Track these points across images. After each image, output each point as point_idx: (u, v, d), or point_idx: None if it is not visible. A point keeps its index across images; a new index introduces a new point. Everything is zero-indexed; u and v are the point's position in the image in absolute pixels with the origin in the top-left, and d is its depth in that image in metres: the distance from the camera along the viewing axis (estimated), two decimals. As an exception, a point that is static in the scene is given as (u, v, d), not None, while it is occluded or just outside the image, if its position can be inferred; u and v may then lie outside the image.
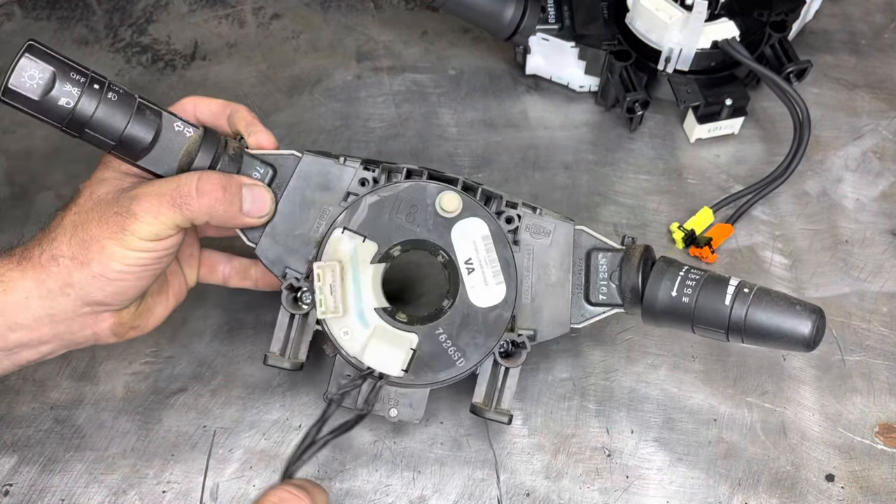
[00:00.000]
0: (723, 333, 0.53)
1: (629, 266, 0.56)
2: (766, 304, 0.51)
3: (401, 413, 0.56)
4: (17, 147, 0.76)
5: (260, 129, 0.57)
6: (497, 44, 0.82)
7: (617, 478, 0.60)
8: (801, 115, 0.69)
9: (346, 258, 0.55)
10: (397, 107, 0.79)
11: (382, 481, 0.60)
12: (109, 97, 0.50)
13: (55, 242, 0.50)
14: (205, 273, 0.61)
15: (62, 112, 0.49)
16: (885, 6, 0.86)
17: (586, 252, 0.58)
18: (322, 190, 0.56)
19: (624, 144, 0.76)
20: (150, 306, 0.57)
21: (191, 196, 0.51)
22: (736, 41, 0.70)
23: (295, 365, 0.56)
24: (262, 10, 0.87)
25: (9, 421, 0.62)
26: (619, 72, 0.72)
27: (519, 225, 0.57)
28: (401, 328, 0.55)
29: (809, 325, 0.50)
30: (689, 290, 0.53)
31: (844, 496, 0.59)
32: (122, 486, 0.60)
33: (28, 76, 0.48)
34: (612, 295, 0.57)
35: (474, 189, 0.57)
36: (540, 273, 0.57)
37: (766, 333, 0.51)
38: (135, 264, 0.51)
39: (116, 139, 0.51)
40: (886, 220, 0.72)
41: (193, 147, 0.53)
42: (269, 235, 0.56)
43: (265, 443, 0.61)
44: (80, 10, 0.86)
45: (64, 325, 0.52)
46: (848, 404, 0.63)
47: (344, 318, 0.54)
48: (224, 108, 0.57)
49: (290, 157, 0.57)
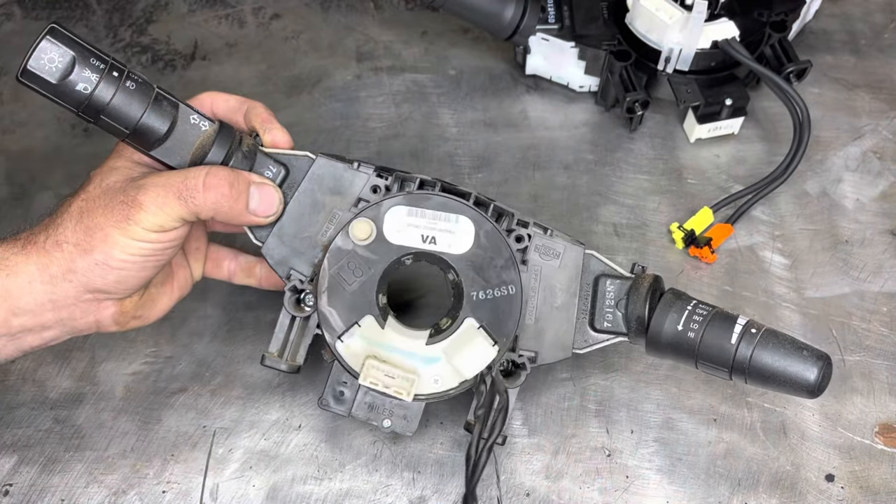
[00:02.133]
0: (726, 372, 0.52)
1: (637, 295, 0.55)
2: (773, 346, 0.50)
3: (394, 424, 0.56)
4: (17, 147, 0.76)
5: (276, 127, 0.56)
6: (497, 44, 0.82)
7: (617, 478, 0.60)
8: (801, 115, 0.69)
9: (368, 349, 0.55)
10: (397, 107, 0.79)
11: (382, 481, 0.60)
12: (128, 85, 0.50)
13: (60, 228, 0.50)
14: (210, 268, 0.61)
15: (79, 97, 0.49)
16: (885, 6, 0.86)
17: (594, 277, 0.57)
18: (333, 194, 0.56)
19: (624, 144, 0.76)
20: (153, 297, 0.57)
21: (197, 190, 0.51)
22: (736, 41, 0.70)
23: (292, 367, 0.56)
24: (262, 10, 0.87)
25: (9, 421, 0.62)
26: (619, 72, 0.72)
27: (528, 245, 0.56)
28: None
29: (815, 372, 0.49)
30: (696, 326, 0.52)
31: (844, 496, 0.59)
32: (122, 486, 0.60)
33: (48, 59, 0.47)
34: (617, 323, 0.56)
35: (486, 205, 0.56)
36: (546, 295, 0.57)
37: (770, 376, 0.50)
38: (137, 254, 0.51)
39: (131, 128, 0.51)
40: (886, 220, 0.72)
41: (208, 141, 0.53)
42: (277, 235, 0.56)
43: (265, 443, 0.61)
44: (80, 10, 0.86)
45: (66, 311, 0.52)
46: (848, 404, 0.63)
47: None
48: (241, 105, 0.57)
49: (304, 159, 0.56)
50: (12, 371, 0.64)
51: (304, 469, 0.60)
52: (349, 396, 0.56)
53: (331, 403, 0.56)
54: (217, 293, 0.68)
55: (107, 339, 0.65)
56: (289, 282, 0.55)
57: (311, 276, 0.56)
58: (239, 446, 0.61)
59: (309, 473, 0.60)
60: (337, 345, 0.55)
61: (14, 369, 0.64)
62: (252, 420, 0.62)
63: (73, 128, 0.76)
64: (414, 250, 0.55)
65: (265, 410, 0.63)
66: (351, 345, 0.55)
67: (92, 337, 0.65)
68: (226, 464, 0.61)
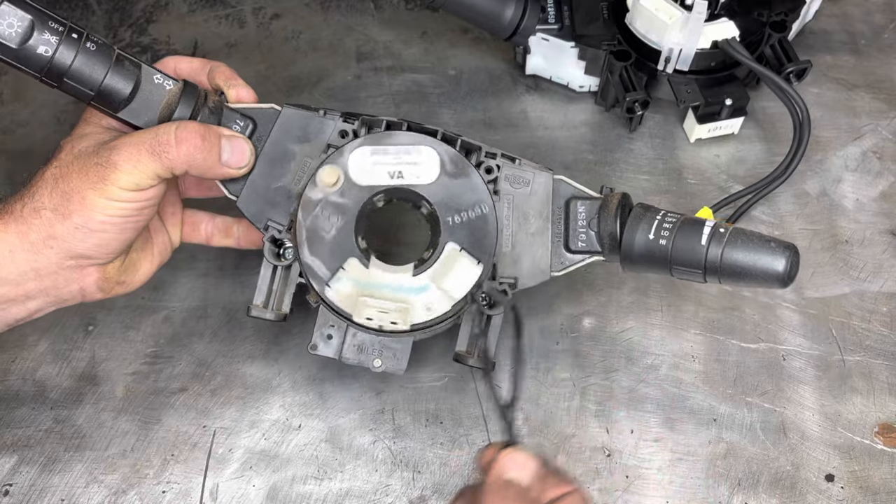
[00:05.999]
0: (700, 274, 0.53)
1: (607, 213, 0.56)
2: (742, 242, 0.52)
3: (385, 364, 0.56)
4: (17, 147, 0.76)
5: (240, 83, 0.57)
6: (497, 44, 0.82)
7: (617, 478, 0.60)
8: (800, 115, 0.69)
9: (357, 290, 0.55)
10: (397, 107, 0.79)
11: (382, 481, 0.60)
12: (88, 46, 0.50)
13: (36, 195, 0.50)
14: (188, 232, 0.62)
15: (41, 61, 0.49)
16: (885, 6, 0.86)
17: (565, 201, 0.58)
18: (302, 143, 0.57)
19: (624, 144, 0.76)
20: (134, 262, 0.57)
21: (169, 144, 0.51)
22: (736, 41, 0.70)
23: (278, 316, 0.56)
24: (262, 10, 0.87)
25: (9, 421, 0.62)
26: (618, 72, 0.72)
27: (498, 175, 0.58)
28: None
29: (783, 262, 0.51)
30: (666, 233, 0.53)
31: (844, 496, 0.59)
32: (122, 486, 0.60)
33: (7, 24, 0.48)
34: (591, 242, 0.58)
35: (453, 140, 0.57)
36: (520, 222, 0.58)
37: (741, 271, 0.52)
38: (116, 215, 0.51)
39: (95, 89, 0.51)
40: (886, 220, 0.72)
41: (173, 99, 0.53)
42: (251, 188, 0.56)
43: (265, 443, 0.61)
44: (80, 10, 0.86)
45: (49, 279, 0.52)
46: (848, 404, 0.63)
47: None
48: (204, 66, 0.58)
49: (270, 111, 0.57)
50: (12, 371, 0.64)
51: (304, 469, 0.61)
52: (337, 340, 0.56)
53: (319, 347, 0.56)
54: (217, 293, 0.68)
55: (107, 339, 0.65)
56: (266, 232, 0.56)
57: (288, 225, 0.56)
58: (239, 446, 0.61)
59: (309, 473, 0.60)
60: (326, 291, 0.55)
61: (14, 369, 0.64)
62: (252, 420, 0.62)
63: (74, 128, 0.76)
64: (383, 188, 0.56)
65: (265, 410, 0.63)
66: (340, 289, 0.55)
67: (92, 337, 0.65)
68: (226, 464, 0.61)
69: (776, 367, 0.64)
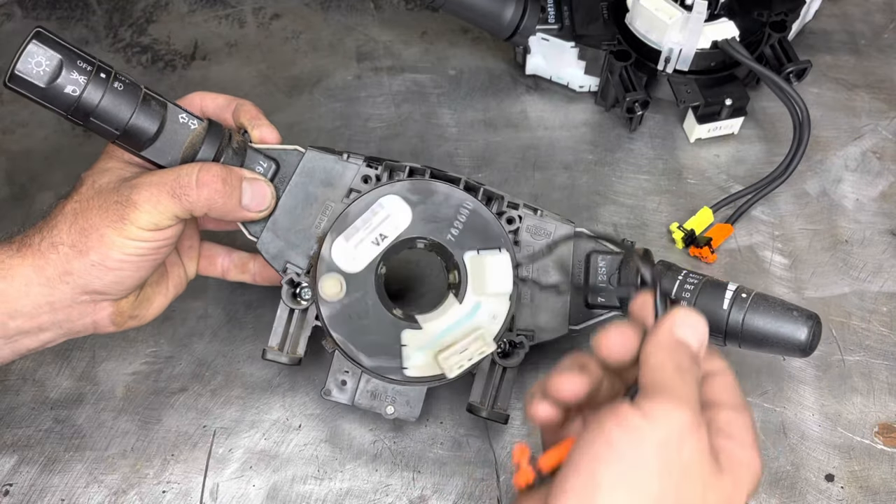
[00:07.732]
0: (720, 338, 0.53)
1: (628, 269, 0.56)
2: (764, 309, 0.51)
3: (398, 411, 0.56)
4: (17, 147, 0.76)
5: (264, 124, 0.57)
6: (497, 44, 0.82)
7: (617, 478, 0.60)
8: (800, 115, 0.69)
9: (431, 352, 0.56)
10: (397, 107, 0.79)
11: (382, 481, 0.60)
12: (115, 87, 0.50)
13: (55, 230, 0.50)
14: (204, 265, 0.61)
15: (68, 100, 0.49)
16: (885, 6, 0.86)
17: (586, 254, 0.58)
18: (324, 186, 0.57)
19: (624, 144, 0.76)
20: (149, 296, 0.57)
21: (190, 187, 0.51)
22: (736, 41, 0.70)
23: (293, 360, 0.56)
24: (262, 10, 0.87)
25: (9, 421, 0.62)
26: (618, 72, 0.72)
27: (520, 226, 0.57)
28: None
29: (806, 331, 0.51)
30: (688, 294, 0.53)
31: (844, 496, 0.59)
32: (122, 486, 0.60)
33: (35, 63, 0.48)
34: (610, 298, 0.57)
35: (476, 189, 0.57)
36: (539, 274, 0.57)
37: (762, 338, 0.52)
38: (133, 254, 0.51)
39: (121, 129, 0.51)
40: (886, 220, 0.72)
41: (197, 139, 0.53)
42: (271, 230, 0.56)
43: (265, 443, 0.61)
44: (80, 10, 0.86)
45: (63, 312, 0.52)
46: (848, 404, 0.63)
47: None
48: (230, 103, 0.58)
49: (294, 153, 0.57)
50: (12, 371, 0.64)
51: (304, 469, 0.61)
52: (351, 385, 0.56)
53: (333, 392, 0.56)
54: (217, 293, 0.68)
55: (107, 339, 0.65)
56: (285, 275, 0.56)
57: (307, 268, 0.56)
58: (239, 446, 0.61)
59: (309, 473, 0.60)
60: (406, 373, 0.55)
61: (14, 369, 0.64)
62: (252, 420, 0.62)
63: (74, 128, 0.76)
64: (378, 257, 0.56)
65: (265, 410, 0.63)
66: (415, 363, 0.55)
67: (92, 337, 0.65)
68: (226, 464, 0.61)
69: (776, 367, 0.64)
